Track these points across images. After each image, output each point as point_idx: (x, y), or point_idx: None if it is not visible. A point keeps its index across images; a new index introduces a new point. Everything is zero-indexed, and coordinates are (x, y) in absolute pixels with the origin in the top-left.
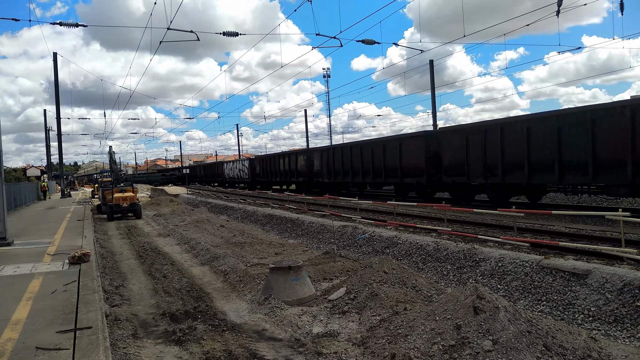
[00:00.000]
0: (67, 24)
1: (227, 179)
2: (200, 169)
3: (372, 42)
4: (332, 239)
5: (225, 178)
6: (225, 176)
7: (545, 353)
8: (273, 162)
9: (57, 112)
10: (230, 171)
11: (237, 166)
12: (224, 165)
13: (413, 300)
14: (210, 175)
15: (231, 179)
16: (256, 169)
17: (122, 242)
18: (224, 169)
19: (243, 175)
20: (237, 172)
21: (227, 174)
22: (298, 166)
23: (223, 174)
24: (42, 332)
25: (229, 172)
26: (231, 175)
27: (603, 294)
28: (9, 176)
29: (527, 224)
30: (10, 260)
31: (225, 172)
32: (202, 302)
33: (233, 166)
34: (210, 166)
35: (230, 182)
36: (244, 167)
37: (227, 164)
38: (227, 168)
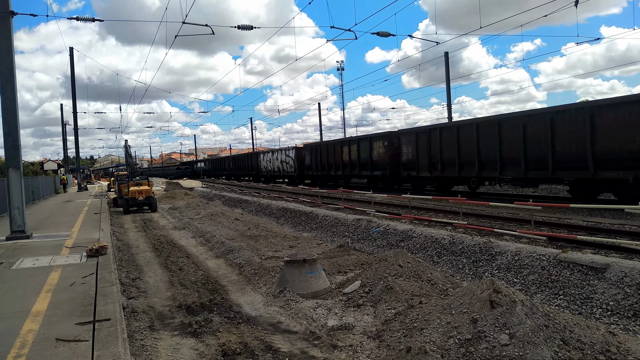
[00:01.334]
0: (83, 19)
1: (264, 173)
2: (229, 161)
3: (387, 34)
4: (346, 232)
5: (261, 171)
6: (261, 169)
7: (562, 347)
8: (332, 150)
9: (73, 106)
10: (268, 163)
11: (278, 157)
12: (259, 157)
13: (428, 293)
14: (241, 167)
15: (269, 172)
16: (305, 160)
17: (138, 235)
18: (260, 160)
19: (286, 168)
20: (278, 165)
21: (263, 166)
22: (374, 155)
23: (258, 166)
24: (62, 323)
25: (267, 165)
26: (269, 168)
27: (622, 288)
28: (26, 170)
29: (544, 217)
30: (29, 253)
31: (261, 165)
32: (217, 295)
33: (272, 157)
34: (242, 158)
35: (268, 176)
36: (289, 157)
37: (263, 155)
38: (263, 160)
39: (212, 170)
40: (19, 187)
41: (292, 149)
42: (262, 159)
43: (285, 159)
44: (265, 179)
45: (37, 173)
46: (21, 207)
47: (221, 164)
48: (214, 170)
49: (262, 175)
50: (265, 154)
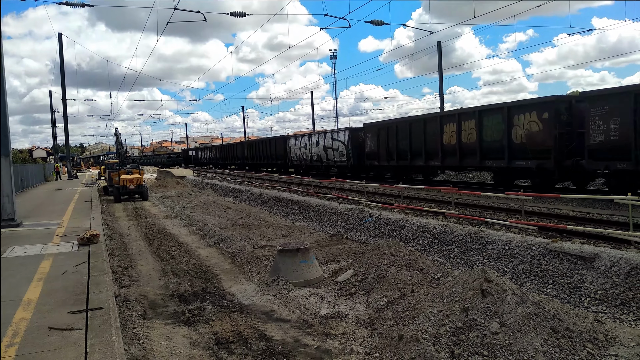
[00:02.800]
0: (72, 4)
1: (296, 162)
2: (242, 148)
3: (381, 23)
4: (338, 221)
5: (291, 160)
6: (291, 157)
7: (552, 335)
8: (419, 130)
9: (62, 93)
10: (302, 150)
11: (318, 142)
12: (288, 142)
13: (420, 282)
14: (260, 156)
15: (303, 161)
16: (366, 145)
17: (129, 223)
18: (289, 146)
19: (333, 156)
20: (319, 152)
21: (295, 154)
22: (517, 135)
23: (286, 154)
24: (54, 312)
25: (300, 152)
26: (304, 156)
27: (610, 277)
28: (15, 157)
29: (534, 207)
30: (20, 241)
31: (291, 152)
32: (210, 284)
33: (310, 142)
34: (262, 144)
35: (302, 166)
36: (337, 142)
37: (295, 140)
38: (295, 146)
39: (220, 159)
40: (9, 175)
41: (344, 130)
42: (292, 145)
43: (330, 143)
44: (297, 169)
45: (26, 161)
46: (11, 195)
47: (232, 152)
48: (222, 159)
49: (292, 165)
50: (297, 138)
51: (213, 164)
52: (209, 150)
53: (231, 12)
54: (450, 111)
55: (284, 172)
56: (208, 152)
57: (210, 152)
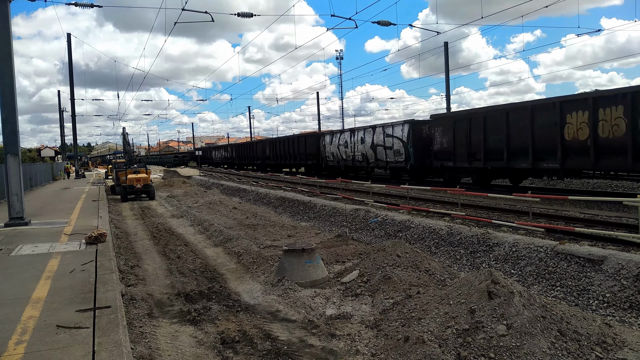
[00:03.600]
0: (81, 5)
1: (331, 162)
2: (263, 147)
3: (388, 23)
4: (344, 222)
5: (325, 160)
6: (325, 157)
7: (559, 338)
8: (519, 121)
9: (71, 93)
10: (340, 149)
11: (365, 138)
12: (322, 140)
13: (426, 284)
14: (286, 155)
15: (342, 161)
16: (435, 142)
17: (136, 222)
18: (324, 144)
19: (384, 156)
20: (364, 150)
21: (330, 152)
22: None
23: (320, 152)
24: (62, 310)
25: (337, 150)
26: (343, 155)
27: (618, 280)
28: (24, 156)
29: (542, 209)
30: (28, 240)
31: (326, 151)
32: (216, 283)
33: (352, 140)
34: (290, 142)
35: (339, 167)
36: (393, 139)
37: (332, 137)
38: (332, 143)
39: (237, 159)
40: (18, 174)
41: (402, 124)
42: (327, 143)
43: (382, 140)
44: (332, 171)
45: (35, 160)
46: (20, 194)
47: (251, 151)
48: (239, 159)
49: (326, 165)
50: (334, 135)
51: (228, 165)
52: (223, 149)
53: (238, 13)
54: (578, 95)
55: (315, 173)
56: (223, 151)
57: (225, 151)
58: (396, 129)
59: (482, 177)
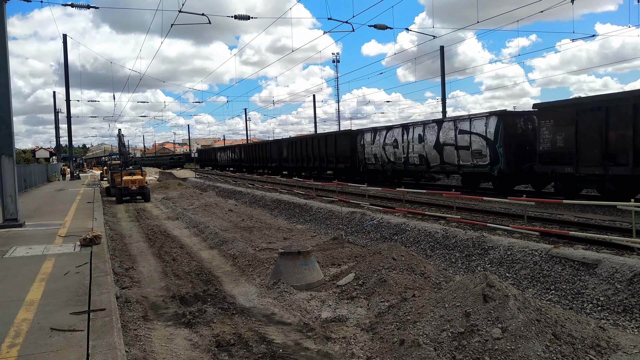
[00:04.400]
0: (78, 6)
1: (371, 165)
2: (280, 147)
3: (385, 27)
4: (340, 224)
5: (364, 163)
6: (364, 158)
7: (554, 342)
8: None
9: (66, 94)
10: (387, 149)
11: (425, 136)
12: (361, 138)
13: (422, 287)
14: (310, 157)
15: (389, 165)
16: (541, 140)
17: (131, 224)
18: (362, 144)
19: (461, 159)
20: (425, 151)
21: (373, 154)
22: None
23: (357, 154)
24: (57, 313)
25: (381, 151)
26: (391, 157)
27: (612, 283)
28: (18, 157)
29: (537, 212)
30: (23, 242)
31: (365, 152)
32: (211, 286)
33: (406, 137)
34: (313, 142)
35: (383, 171)
36: (470, 135)
37: (374, 135)
38: (375, 142)
39: (247, 162)
40: (12, 175)
41: (487, 116)
42: (368, 142)
43: (452, 138)
44: (373, 176)
45: (29, 161)
46: (14, 195)
47: (263, 152)
48: (249, 161)
49: (365, 169)
50: (378, 132)
51: (236, 167)
52: (230, 150)
53: (235, 15)
54: None
55: (348, 179)
56: (230, 152)
57: (232, 152)
58: (477, 123)
59: (624, 187)
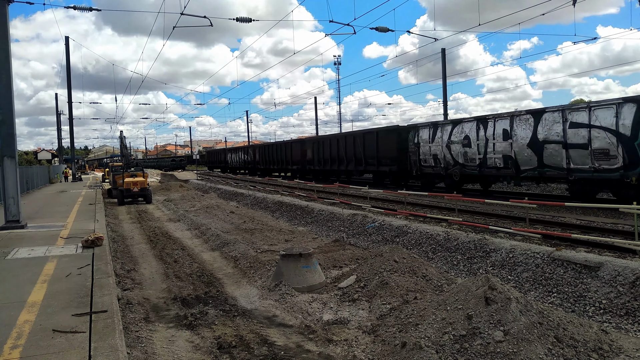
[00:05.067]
0: (80, 8)
1: (433, 169)
2: (302, 148)
3: (386, 29)
4: (341, 227)
5: (418, 165)
6: (417, 160)
7: (556, 345)
8: None
9: (68, 96)
10: (454, 148)
11: (515, 131)
12: (416, 135)
13: (423, 289)
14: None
15: (456, 168)
16: None
17: (132, 226)
18: (416, 142)
19: (574, 160)
20: (514, 150)
21: (431, 154)
22: None
23: (406, 156)
24: (58, 314)
25: (445, 151)
26: (459, 159)
27: (615, 286)
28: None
29: (538, 215)
30: (25, 243)
31: (420, 152)
32: (212, 288)
33: (483, 133)
34: (347, 140)
35: (448, 176)
36: (588, 130)
37: (433, 130)
38: (435, 141)
39: (262, 163)
40: (14, 177)
41: (618, 104)
42: (424, 139)
43: (561, 133)
44: (429, 180)
45: (31, 162)
46: (16, 197)
47: (282, 153)
48: (264, 162)
49: (420, 172)
50: (442, 128)
51: (249, 170)
52: (242, 151)
53: (237, 18)
54: None
55: (393, 183)
56: (242, 153)
57: (244, 153)
58: (600, 113)
59: None
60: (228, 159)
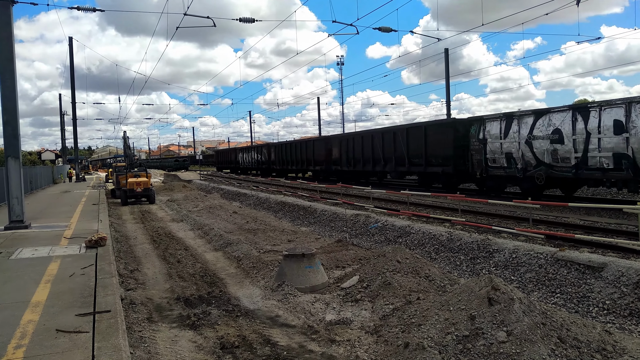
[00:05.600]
0: (84, 9)
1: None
2: (327, 145)
3: (389, 29)
4: (344, 227)
5: (485, 167)
6: (485, 161)
7: (559, 345)
8: None
9: (72, 96)
10: (566, 146)
11: None
12: (483, 129)
13: (426, 290)
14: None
15: (567, 171)
16: None
17: (136, 226)
18: (489, 135)
19: None
20: None
21: (522, 152)
22: None
23: (469, 155)
24: (62, 314)
25: (542, 147)
26: (574, 158)
27: (618, 287)
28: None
29: (542, 215)
30: (28, 243)
31: (502, 149)
32: (215, 288)
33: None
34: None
35: (561, 179)
36: None
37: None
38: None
39: (278, 164)
40: (18, 177)
41: None
42: (493, 134)
43: None
44: (497, 184)
45: (35, 163)
46: (20, 197)
47: (303, 153)
48: (281, 163)
49: (487, 175)
50: (520, 120)
51: (262, 171)
52: (255, 150)
53: (240, 18)
54: None
55: (447, 188)
56: (254, 153)
57: (258, 153)
58: None
59: None
60: (239, 159)
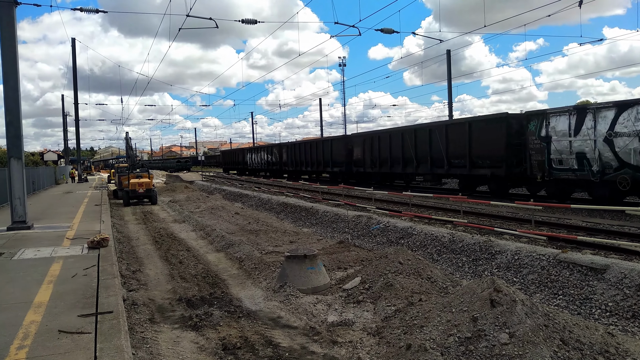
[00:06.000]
0: (87, 10)
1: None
2: (347, 144)
3: (391, 31)
4: (346, 228)
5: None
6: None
7: (562, 347)
8: None
9: (75, 97)
10: None
11: None
12: (546, 123)
13: (428, 291)
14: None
15: None
16: None
17: (138, 227)
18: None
19: None
20: None
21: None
22: None
23: (526, 154)
24: (64, 315)
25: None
26: None
27: (621, 289)
28: (27, 160)
29: (544, 217)
30: (31, 244)
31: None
32: (217, 289)
33: None
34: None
35: None
36: None
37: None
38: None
39: (291, 164)
40: (21, 178)
41: None
42: (560, 130)
43: None
44: (562, 189)
45: (38, 163)
46: (22, 198)
47: (319, 153)
48: (294, 164)
49: (550, 179)
50: (596, 112)
51: (272, 173)
52: (265, 151)
53: (242, 20)
54: None
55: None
56: (264, 153)
57: (268, 154)
58: None
59: None
60: (247, 159)
